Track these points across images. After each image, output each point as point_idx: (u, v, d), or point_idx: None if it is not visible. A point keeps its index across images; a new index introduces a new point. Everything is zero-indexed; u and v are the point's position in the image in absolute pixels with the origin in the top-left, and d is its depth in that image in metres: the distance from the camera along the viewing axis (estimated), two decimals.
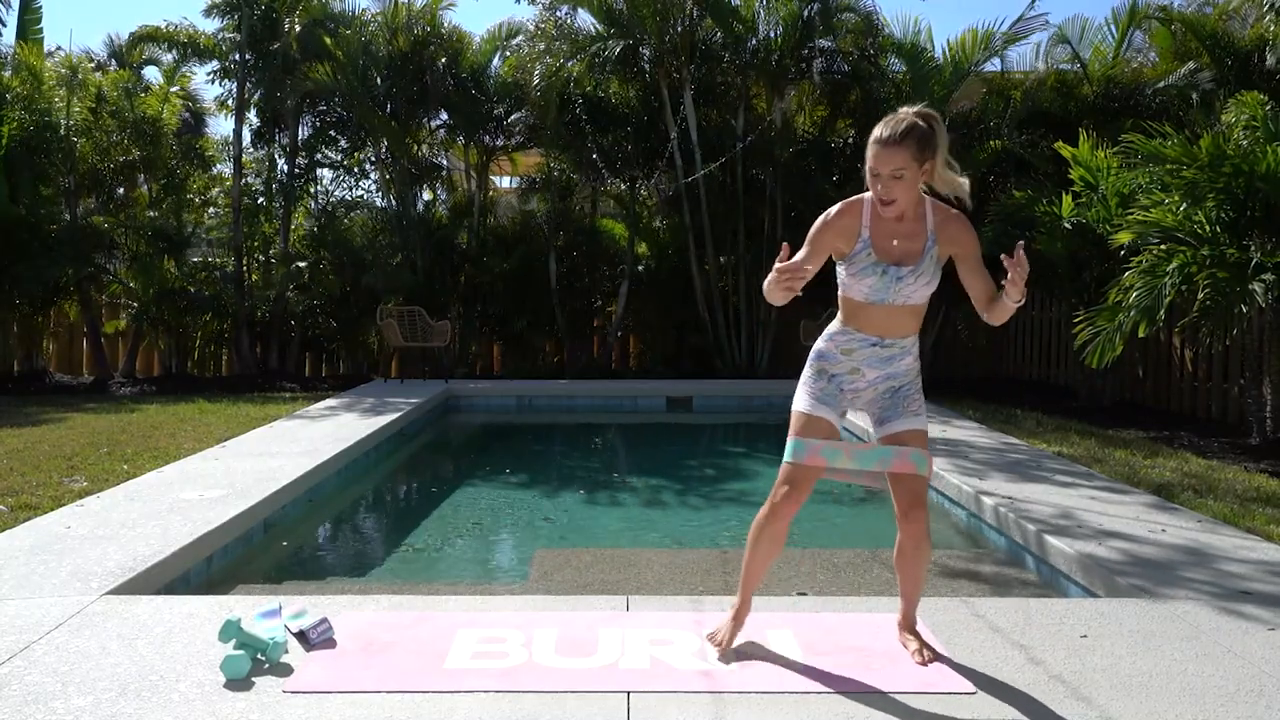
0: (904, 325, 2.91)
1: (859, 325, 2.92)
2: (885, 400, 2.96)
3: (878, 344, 2.91)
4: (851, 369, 2.94)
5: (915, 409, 2.93)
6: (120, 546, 4.05)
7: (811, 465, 2.84)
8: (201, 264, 13.80)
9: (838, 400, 2.95)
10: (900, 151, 2.72)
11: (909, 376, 2.97)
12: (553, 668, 2.87)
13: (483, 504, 6.22)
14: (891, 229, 2.85)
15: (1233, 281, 6.66)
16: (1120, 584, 3.72)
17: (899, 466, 2.85)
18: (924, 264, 2.85)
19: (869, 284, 2.85)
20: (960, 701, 2.66)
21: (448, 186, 14.62)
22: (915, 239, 2.85)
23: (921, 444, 2.89)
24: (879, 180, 2.76)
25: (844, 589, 4.25)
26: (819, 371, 2.98)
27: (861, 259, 2.86)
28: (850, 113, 13.01)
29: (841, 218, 2.89)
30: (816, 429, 2.88)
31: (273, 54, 12.91)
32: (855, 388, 2.96)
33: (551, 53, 12.21)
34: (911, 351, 2.96)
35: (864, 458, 2.86)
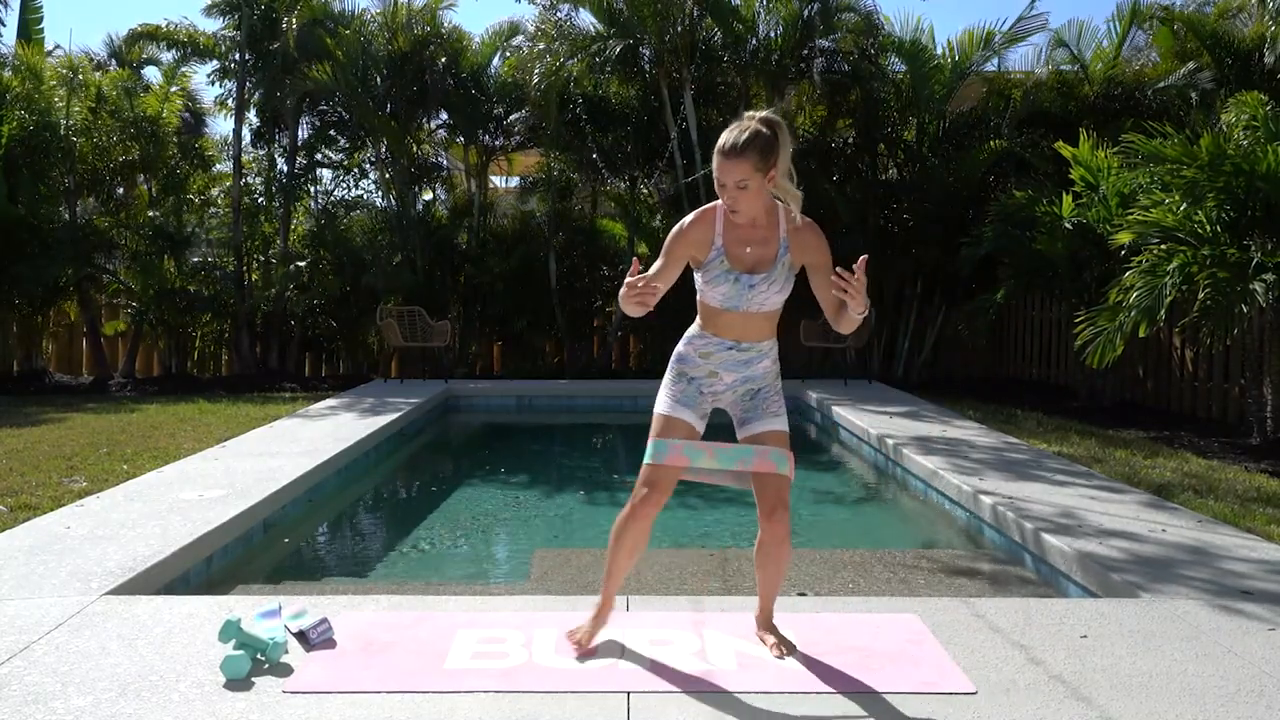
0: (759, 330, 2.95)
1: (715, 330, 2.96)
2: (745, 402, 3.00)
3: (734, 348, 2.95)
4: (710, 372, 2.98)
5: (775, 410, 2.98)
6: (120, 546, 4.05)
7: (672, 465, 2.89)
8: (201, 264, 13.80)
9: (698, 402, 2.98)
10: (742, 162, 2.73)
11: (768, 379, 3.01)
12: (553, 668, 2.87)
13: (482, 504, 6.22)
14: (744, 236, 2.88)
15: (1233, 281, 6.66)
16: (1120, 583, 3.72)
17: (759, 466, 2.89)
18: (776, 271, 2.88)
19: (722, 291, 2.88)
20: (961, 701, 2.66)
21: (447, 186, 14.62)
22: (768, 246, 2.88)
23: (782, 444, 2.93)
24: (725, 191, 2.78)
25: (844, 589, 4.25)
26: (679, 374, 3.01)
27: (715, 267, 2.89)
28: (850, 113, 13.01)
29: (694, 228, 2.91)
30: (676, 430, 2.93)
31: (272, 54, 12.91)
32: (715, 390, 3.00)
33: (551, 53, 12.20)
34: (769, 355, 3.01)
35: (725, 457, 2.90)
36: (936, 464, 6.08)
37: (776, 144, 2.75)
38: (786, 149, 2.79)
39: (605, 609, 3.05)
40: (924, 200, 11.96)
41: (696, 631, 3.17)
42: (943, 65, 12.11)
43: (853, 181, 13.00)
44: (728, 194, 2.78)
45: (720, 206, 2.90)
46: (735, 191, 2.76)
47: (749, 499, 6.59)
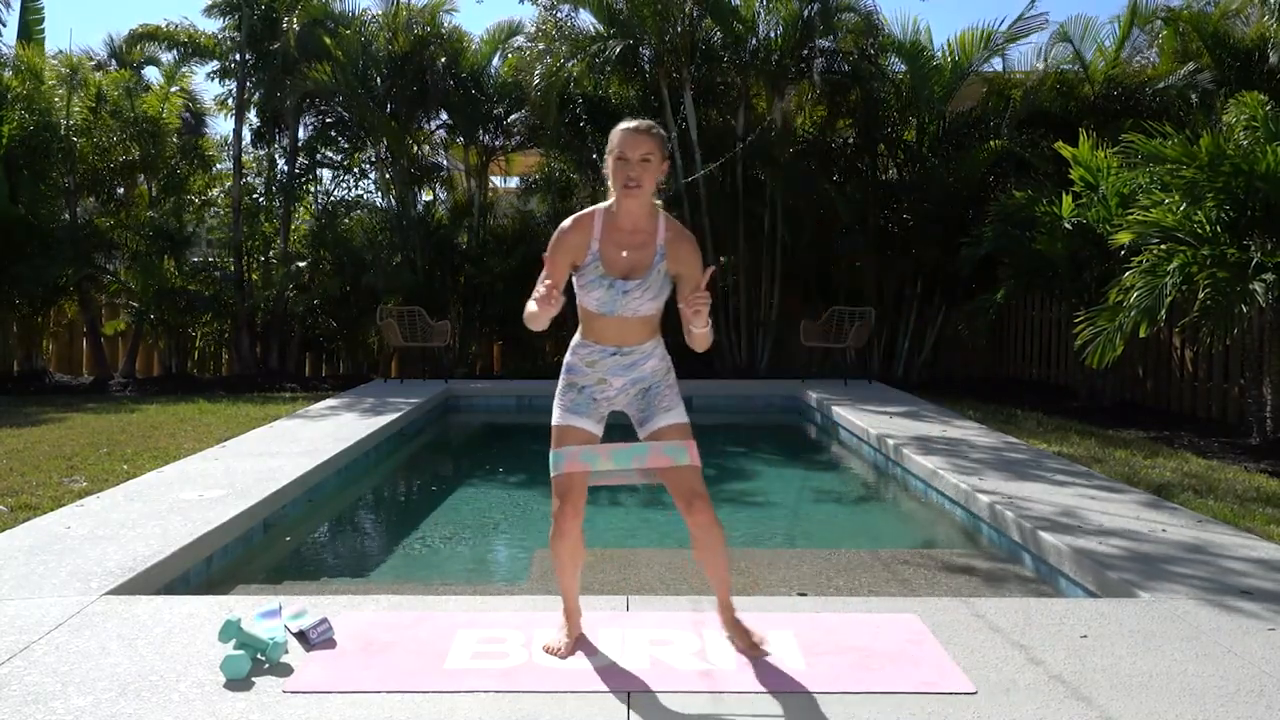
0: (638, 334, 2.97)
1: (595, 336, 2.98)
2: (639, 402, 3.02)
3: (617, 353, 2.97)
4: (598, 379, 3.00)
5: (667, 404, 2.99)
6: (120, 546, 4.05)
7: (573, 472, 2.90)
8: (201, 264, 13.80)
9: (591, 408, 3.00)
10: (649, 139, 2.83)
11: (657, 376, 3.03)
12: (553, 668, 2.87)
13: (483, 504, 6.22)
14: (622, 241, 2.91)
15: (1233, 281, 6.66)
16: (1120, 583, 3.72)
17: (654, 462, 2.91)
18: (650, 277, 2.90)
19: (597, 296, 2.90)
20: (961, 701, 2.66)
21: (447, 187, 14.62)
22: (644, 251, 2.91)
23: (679, 436, 2.95)
24: (628, 165, 2.82)
25: (844, 589, 4.25)
26: (569, 384, 3.03)
27: (590, 272, 2.91)
28: (850, 113, 13.01)
29: (573, 233, 2.93)
30: (572, 438, 2.95)
31: (273, 54, 12.91)
32: (606, 395, 3.02)
33: (551, 53, 12.20)
34: (654, 354, 3.02)
35: (621, 457, 2.92)
36: (936, 464, 6.08)
37: (667, 145, 2.90)
38: (668, 160, 2.91)
39: (572, 620, 3.07)
40: (924, 200, 11.96)
41: (696, 631, 3.17)
42: (942, 65, 12.10)
43: (853, 181, 12.99)
44: (632, 167, 2.82)
45: (599, 210, 2.94)
46: (639, 165, 2.81)
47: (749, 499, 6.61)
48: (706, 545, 2.95)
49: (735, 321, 13.12)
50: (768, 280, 13.01)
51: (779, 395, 10.81)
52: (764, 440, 9.52)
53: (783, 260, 12.90)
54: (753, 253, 13.07)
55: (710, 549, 2.95)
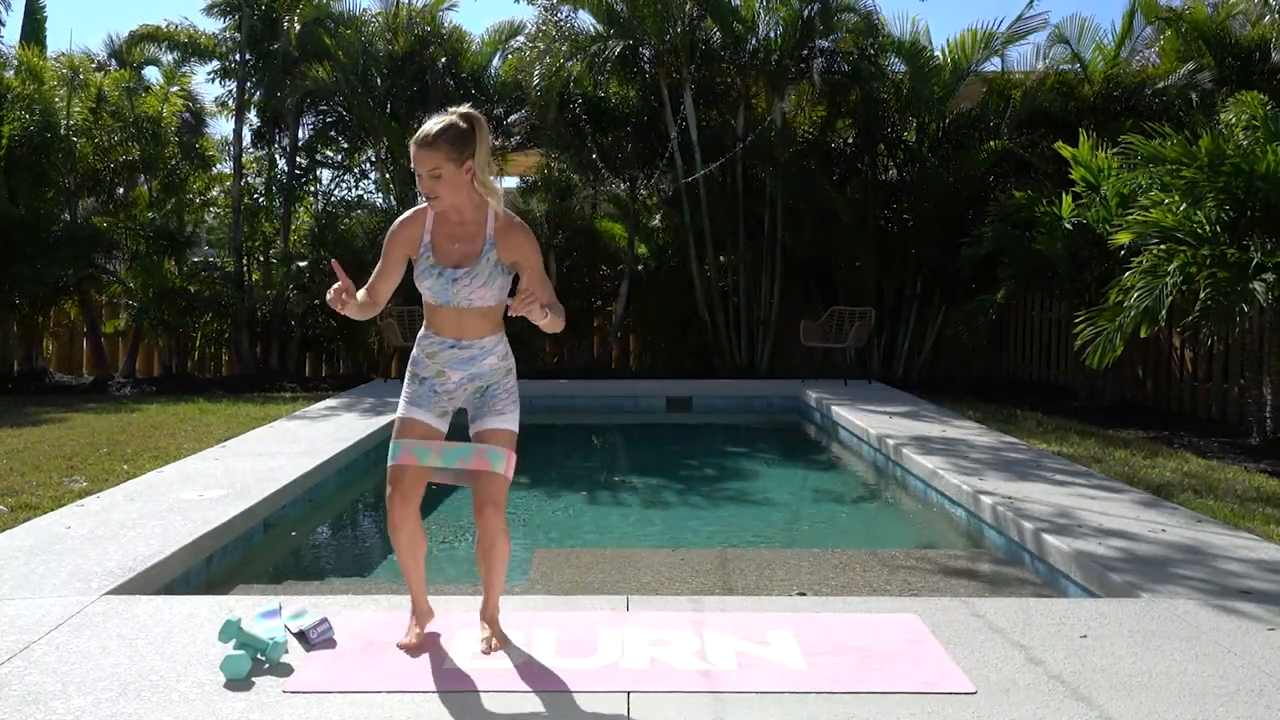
0: (476, 327, 2.99)
1: (436, 328, 3.01)
2: (476, 400, 3.05)
3: (455, 345, 2.99)
4: (437, 371, 3.02)
5: (500, 408, 3.02)
6: (120, 546, 4.05)
7: (405, 465, 2.92)
8: (201, 264, 13.80)
9: (432, 401, 3.02)
10: (434, 153, 2.80)
11: (495, 376, 3.05)
12: (553, 668, 2.87)
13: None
14: (452, 232, 2.94)
15: (1233, 281, 6.65)
16: (1120, 583, 3.72)
17: (476, 464, 2.94)
18: (479, 266, 2.92)
19: (429, 286, 2.94)
20: (961, 701, 2.66)
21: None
22: (473, 242, 2.94)
23: (502, 442, 2.97)
24: (421, 180, 2.85)
25: (844, 589, 4.25)
26: (411, 376, 3.07)
27: (422, 262, 2.96)
28: (850, 113, 13.01)
29: (405, 227, 3.00)
30: (411, 430, 2.97)
31: (273, 54, 12.91)
32: (446, 389, 3.04)
33: (551, 53, 12.20)
34: (494, 351, 3.04)
35: (448, 455, 2.94)
36: (936, 464, 6.08)
37: (472, 138, 2.83)
38: (484, 144, 2.87)
39: (418, 610, 3.09)
40: (924, 200, 11.96)
41: (696, 631, 3.17)
42: (942, 65, 12.11)
43: (853, 181, 12.99)
44: (423, 183, 2.85)
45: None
46: (430, 180, 2.84)
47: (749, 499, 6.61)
48: (489, 553, 2.98)
49: (735, 321, 13.12)
50: (768, 280, 13.01)
51: (779, 395, 10.81)
52: (764, 440, 9.53)
53: (783, 260, 12.91)
54: (753, 253, 13.08)
55: (491, 556, 2.98)
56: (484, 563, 3.00)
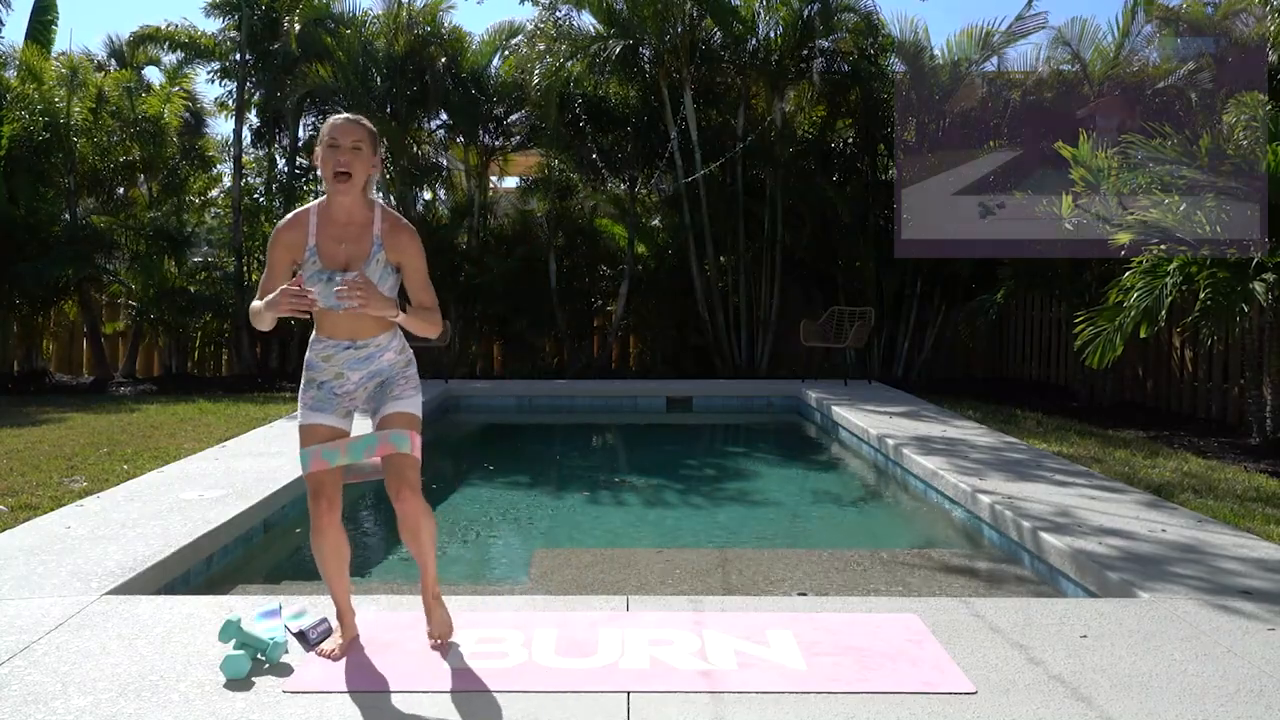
0: (370, 328, 2.97)
1: (329, 332, 2.99)
2: (376, 394, 3.05)
3: (351, 347, 2.98)
4: (335, 374, 3.00)
5: (399, 393, 3.01)
6: (120, 546, 4.05)
7: (318, 471, 2.91)
8: (201, 264, 13.80)
9: (333, 404, 3.00)
10: (359, 128, 2.87)
11: (395, 369, 3.05)
12: (553, 668, 2.87)
13: (482, 504, 6.22)
14: (338, 234, 2.92)
15: (1233, 281, 6.65)
16: (1120, 583, 3.72)
17: (382, 449, 2.92)
18: (369, 268, 2.91)
19: (318, 290, 2.89)
20: (961, 701, 2.66)
21: (448, 187, 14.62)
22: (361, 243, 2.93)
23: (404, 424, 2.96)
24: (339, 151, 2.84)
25: (844, 589, 4.25)
26: (308, 381, 3.03)
27: (309, 266, 2.92)
28: (850, 113, 13.01)
29: (288, 231, 2.95)
30: (315, 436, 2.95)
31: (273, 54, 12.92)
32: (345, 390, 3.02)
33: (551, 53, 12.21)
34: (390, 347, 3.03)
35: (354, 450, 2.93)
36: (936, 464, 6.08)
37: (379, 142, 2.95)
38: (380, 158, 2.95)
39: (343, 619, 3.06)
40: None
41: (696, 631, 3.17)
42: (941, 65, 12.10)
43: (853, 181, 12.99)
44: (342, 153, 2.84)
45: (314, 207, 2.96)
46: (350, 152, 2.84)
47: (749, 499, 6.59)
48: (415, 534, 2.97)
49: (735, 321, 13.12)
50: (768, 280, 13.01)
51: (779, 395, 10.81)
52: (764, 440, 9.53)
53: (783, 260, 12.91)
54: (753, 253, 13.07)
55: (417, 538, 2.97)
56: (413, 544, 2.99)
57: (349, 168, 2.84)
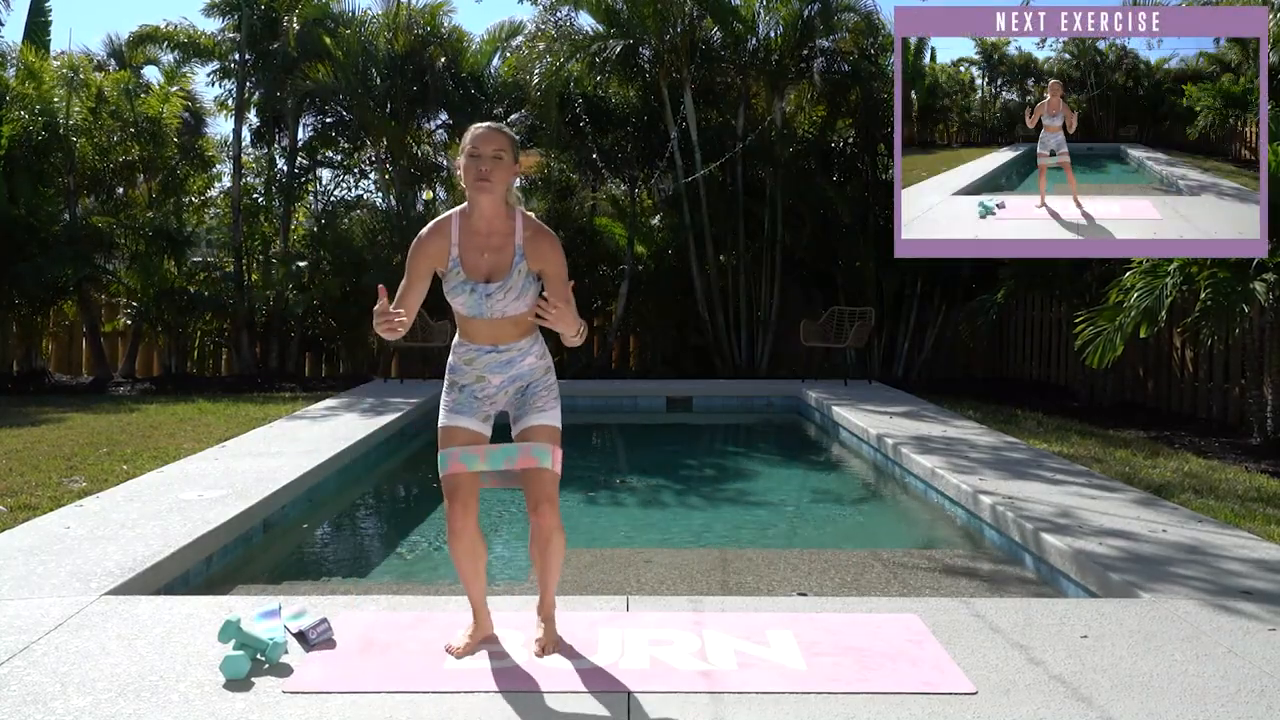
0: (511, 333, 2.98)
1: (471, 337, 3.00)
2: (517, 400, 3.03)
3: (493, 351, 2.98)
4: (477, 377, 3.00)
5: (542, 405, 3.00)
6: (120, 547, 4.05)
7: (456, 473, 2.91)
8: (201, 264, 13.80)
9: (475, 408, 3.00)
10: (500, 136, 2.88)
11: (536, 374, 3.04)
12: (553, 668, 2.87)
13: (482, 504, 6.20)
14: (481, 243, 2.92)
15: (1234, 281, 6.66)
16: (1120, 583, 3.72)
17: (523, 462, 2.92)
18: (512, 278, 2.91)
19: (462, 301, 2.92)
20: (961, 701, 2.66)
21: (448, 187, 14.62)
22: (503, 252, 2.92)
23: (547, 438, 2.95)
24: (480, 161, 2.83)
25: (844, 589, 4.24)
26: (450, 384, 3.04)
27: (453, 278, 2.92)
28: (850, 113, 13.02)
29: (430, 241, 2.94)
30: (455, 438, 2.95)
31: (272, 54, 12.91)
32: (486, 394, 3.02)
33: (551, 53, 12.21)
34: (531, 351, 3.03)
35: (494, 457, 2.93)
36: (936, 464, 6.08)
37: (519, 149, 2.97)
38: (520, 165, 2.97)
39: (479, 619, 3.06)
40: None
41: (696, 631, 3.17)
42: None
43: (853, 182, 12.99)
44: (484, 163, 2.83)
45: (455, 215, 2.95)
46: (492, 161, 2.83)
47: (749, 499, 6.58)
48: (545, 550, 2.96)
49: (735, 321, 13.12)
50: (768, 280, 13.01)
51: (779, 395, 10.80)
52: (764, 440, 9.53)
53: (783, 260, 12.90)
54: (753, 253, 13.07)
55: (547, 553, 2.97)
56: (540, 559, 2.98)
57: (490, 177, 2.83)
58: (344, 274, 13.09)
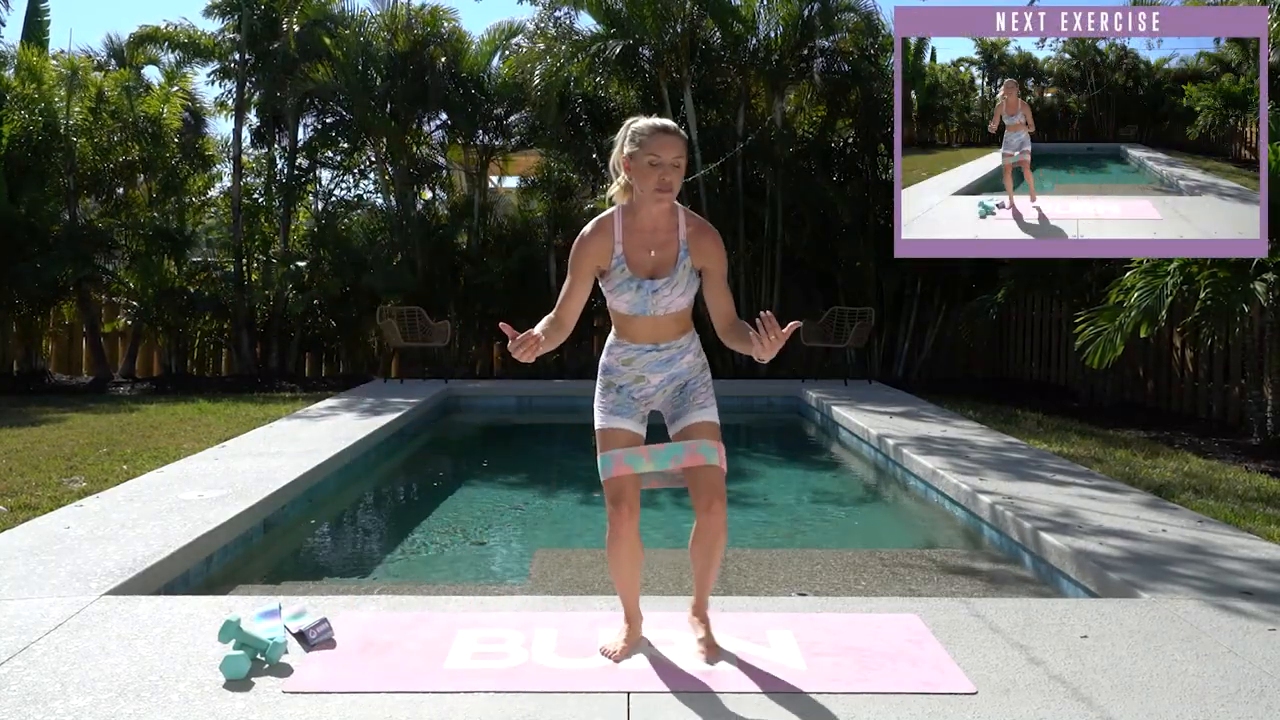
0: (672, 331, 2.97)
1: (630, 336, 2.98)
2: (675, 398, 3.01)
3: (653, 349, 2.96)
4: (636, 377, 2.99)
5: (702, 401, 2.98)
6: (120, 547, 4.05)
7: (622, 476, 2.88)
8: (201, 264, 13.80)
9: (632, 408, 2.99)
10: (680, 142, 2.81)
11: (694, 372, 3.02)
12: (553, 668, 2.87)
13: (482, 504, 6.22)
14: (645, 241, 2.90)
15: (1234, 281, 6.66)
16: (1120, 583, 3.72)
17: (689, 461, 2.90)
18: (678, 274, 2.89)
19: (627, 299, 2.90)
20: (961, 701, 2.66)
21: (447, 187, 14.63)
22: (668, 249, 2.90)
23: (710, 435, 2.93)
24: (661, 169, 2.78)
25: (844, 589, 4.24)
26: (607, 385, 3.02)
27: (617, 275, 2.90)
28: (850, 113, 13.02)
29: (594, 239, 2.92)
30: (616, 440, 2.93)
31: (272, 54, 12.91)
32: (644, 394, 3.01)
33: (551, 53, 12.21)
34: (690, 349, 3.02)
35: (660, 457, 2.91)
36: (936, 464, 6.08)
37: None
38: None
39: (633, 623, 3.05)
40: None
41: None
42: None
43: (853, 182, 12.99)
44: (667, 172, 2.79)
45: (616, 213, 2.93)
46: (673, 169, 2.79)
47: (749, 499, 6.58)
48: (709, 548, 2.94)
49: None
50: (768, 280, 13.01)
51: (779, 395, 10.81)
52: (764, 440, 9.52)
53: (783, 260, 12.90)
54: (753, 253, 13.07)
55: (711, 552, 2.94)
56: (704, 557, 2.96)
57: (672, 186, 2.81)
58: (344, 274, 13.09)
